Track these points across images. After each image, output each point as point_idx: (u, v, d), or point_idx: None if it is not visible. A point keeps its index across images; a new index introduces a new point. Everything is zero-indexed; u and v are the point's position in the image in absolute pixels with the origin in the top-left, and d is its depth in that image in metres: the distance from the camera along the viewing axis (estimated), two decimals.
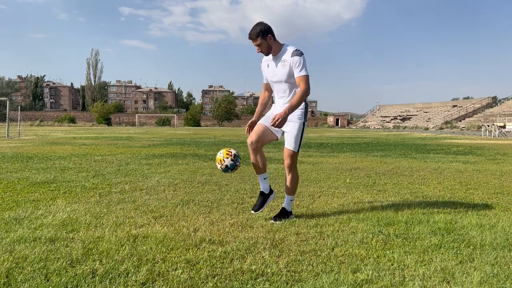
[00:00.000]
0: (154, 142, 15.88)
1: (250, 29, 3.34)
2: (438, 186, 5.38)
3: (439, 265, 2.44)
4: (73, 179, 5.61)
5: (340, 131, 46.20)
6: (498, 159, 9.52)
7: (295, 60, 3.30)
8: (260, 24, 3.34)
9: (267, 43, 3.34)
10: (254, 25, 3.34)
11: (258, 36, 3.31)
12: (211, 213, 3.66)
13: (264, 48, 3.36)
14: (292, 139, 3.45)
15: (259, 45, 3.34)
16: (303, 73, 3.30)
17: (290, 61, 3.32)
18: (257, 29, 3.30)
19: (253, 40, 3.34)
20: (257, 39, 3.32)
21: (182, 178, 5.77)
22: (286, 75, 3.37)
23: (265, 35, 3.31)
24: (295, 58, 3.30)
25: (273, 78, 3.48)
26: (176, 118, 73.87)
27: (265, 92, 3.78)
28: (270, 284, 2.14)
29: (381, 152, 11.31)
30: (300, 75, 3.31)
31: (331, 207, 3.99)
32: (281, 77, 3.40)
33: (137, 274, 2.22)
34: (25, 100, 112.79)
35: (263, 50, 3.38)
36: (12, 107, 23.05)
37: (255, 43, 3.35)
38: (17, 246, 2.65)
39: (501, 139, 22.70)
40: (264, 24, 3.35)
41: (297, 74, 3.31)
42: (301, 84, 3.30)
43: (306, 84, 3.30)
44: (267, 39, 3.33)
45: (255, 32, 3.30)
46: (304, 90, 3.29)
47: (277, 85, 3.49)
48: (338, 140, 18.95)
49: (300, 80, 3.31)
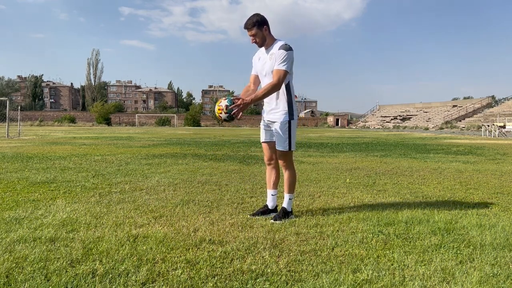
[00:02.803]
0: (154, 142, 15.88)
1: (247, 19, 3.35)
2: (438, 186, 5.38)
3: (439, 265, 2.44)
4: (73, 179, 5.61)
5: (340, 131, 46.20)
6: (498, 159, 9.51)
7: (280, 53, 3.30)
8: (257, 15, 3.36)
9: (262, 34, 3.36)
10: (251, 16, 3.37)
11: (254, 26, 3.32)
12: (211, 213, 3.66)
13: (259, 39, 3.37)
14: (281, 140, 3.47)
15: (254, 35, 3.35)
16: (282, 67, 3.28)
17: (276, 53, 3.32)
18: (253, 19, 3.33)
19: (248, 29, 3.35)
20: (253, 29, 3.33)
21: (182, 178, 5.77)
22: (272, 68, 3.36)
23: (261, 26, 3.33)
24: (281, 51, 3.30)
25: (262, 71, 3.47)
26: (176, 118, 73.83)
27: (250, 84, 3.67)
28: (270, 284, 2.14)
29: (381, 152, 11.31)
30: (278, 68, 3.29)
31: (331, 207, 3.99)
32: (268, 70, 3.40)
33: (137, 274, 2.22)
34: (25, 100, 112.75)
35: (257, 41, 3.38)
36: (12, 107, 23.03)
37: (250, 33, 3.35)
38: (17, 246, 2.65)
39: (501, 139, 22.70)
40: (261, 15, 3.37)
41: (276, 66, 3.30)
42: (275, 76, 3.29)
43: (278, 79, 3.27)
44: (263, 30, 3.35)
45: (251, 22, 3.32)
46: (274, 84, 3.28)
47: (264, 79, 3.48)
48: (338, 140, 18.95)
49: (275, 73, 3.29)
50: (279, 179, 3.71)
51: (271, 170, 3.67)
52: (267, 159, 3.67)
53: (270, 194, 3.67)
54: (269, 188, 3.70)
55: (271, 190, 3.68)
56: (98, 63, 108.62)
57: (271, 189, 3.67)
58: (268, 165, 3.68)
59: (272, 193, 3.66)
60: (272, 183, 3.66)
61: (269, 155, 3.64)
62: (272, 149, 3.60)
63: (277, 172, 3.67)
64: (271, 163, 3.65)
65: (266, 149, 3.66)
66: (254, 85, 3.71)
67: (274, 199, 3.67)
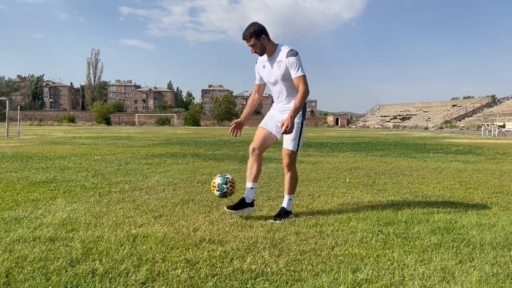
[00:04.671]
0: (154, 141, 15.88)
1: (244, 30, 3.34)
2: (438, 186, 5.38)
3: (438, 264, 2.44)
4: (72, 178, 5.61)
5: (340, 130, 46.19)
6: (497, 158, 9.52)
7: (291, 61, 3.29)
8: (254, 25, 3.33)
9: (260, 44, 3.34)
10: (248, 26, 3.34)
11: (252, 37, 3.30)
12: (211, 213, 3.66)
13: (258, 49, 3.36)
14: (291, 139, 3.45)
15: (253, 45, 3.34)
16: (300, 73, 3.29)
17: (285, 61, 3.31)
18: (251, 29, 3.30)
19: (246, 40, 3.34)
20: (251, 40, 3.31)
21: (182, 178, 5.77)
22: (282, 75, 3.37)
23: (259, 36, 3.31)
24: (291, 58, 3.29)
25: (270, 79, 3.47)
26: (176, 118, 73.81)
27: (255, 94, 3.74)
28: (270, 283, 2.14)
29: (380, 152, 11.31)
30: (297, 75, 3.30)
31: (330, 206, 3.99)
32: (277, 78, 3.40)
33: (137, 274, 2.22)
34: (25, 100, 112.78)
35: (257, 51, 3.38)
36: (12, 106, 23.03)
37: (248, 43, 3.35)
38: (16, 245, 2.65)
39: (501, 138, 22.70)
40: (258, 24, 3.35)
41: (294, 75, 3.30)
42: (300, 84, 3.30)
43: (305, 85, 3.29)
44: (261, 40, 3.33)
45: (249, 33, 3.30)
46: (304, 91, 3.29)
47: (274, 86, 3.49)
48: (338, 140, 18.95)
49: (298, 81, 3.30)
50: (260, 172, 3.57)
51: (254, 161, 3.49)
52: (256, 146, 3.48)
53: (249, 186, 3.52)
54: (249, 180, 3.52)
55: (250, 183, 3.51)
56: (98, 62, 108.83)
57: (251, 181, 3.52)
58: (252, 153, 3.48)
59: (252, 186, 3.52)
60: (253, 175, 3.50)
61: (260, 143, 3.49)
62: (267, 140, 3.52)
63: (259, 165, 3.51)
64: (257, 152, 3.48)
65: (260, 135, 3.51)
66: (259, 94, 3.73)
67: (253, 192, 3.54)
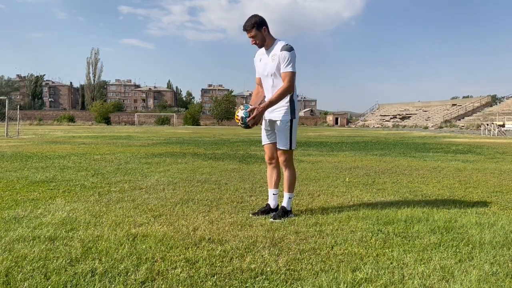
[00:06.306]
0: (154, 141, 15.88)
1: (245, 21, 3.36)
2: (438, 185, 5.38)
3: (438, 263, 2.44)
4: (72, 178, 5.61)
5: (340, 130, 46.21)
6: (497, 158, 9.52)
7: (283, 55, 3.30)
8: (255, 16, 3.36)
9: (261, 35, 3.35)
10: (249, 17, 3.37)
11: (253, 28, 3.32)
12: (210, 212, 3.66)
13: (259, 40, 3.37)
14: (282, 138, 3.49)
15: (253, 36, 3.35)
16: (289, 70, 3.30)
17: (279, 55, 3.33)
18: (252, 20, 3.33)
19: (247, 31, 3.36)
20: (252, 31, 3.33)
21: (182, 177, 5.77)
22: (275, 69, 3.37)
23: (260, 27, 3.33)
24: (284, 53, 3.30)
25: (264, 72, 3.48)
26: (176, 117, 73.80)
27: (258, 87, 3.71)
28: (270, 282, 2.14)
29: (380, 151, 11.32)
30: (285, 70, 3.31)
31: (330, 206, 3.99)
32: (270, 71, 3.41)
33: (137, 273, 2.22)
34: (24, 99, 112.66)
35: (257, 42, 3.39)
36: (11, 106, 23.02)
37: (249, 34, 3.36)
38: (16, 245, 2.65)
39: (500, 138, 22.72)
40: (259, 16, 3.37)
41: (283, 69, 3.32)
42: (285, 80, 3.31)
43: (289, 81, 3.30)
44: (262, 31, 3.35)
45: (250, 24, 3.32)
46: (286, 87, 3.30)
47: (267, 80, 3.49)
48: (338, 139, 18.95)
49: (285, 76, 3.32)
50: (280, 179, 3.71)
51: (272, 169, 3.68)
52: (268, 158, 3.68)
53: (272, 193, 3.67)
54: (270, 187, 3.70)
55: (272, 189, 3.68)
56: (98, 62, 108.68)
57: (272, 188, 3.67)
58: (269, 164, 3.69)
59: (273, 192, 3.66)
60: (273, 183, 3.66)
61: (270, 154, 3.65)
62: (273, 149, 3.62)
63: (278, 172, 3.68)
64: (272, 162, 3.66)
65: (267, 149, 3.67)
66: (262, 87, 3.72)
67: (276, 198, 3.67)
